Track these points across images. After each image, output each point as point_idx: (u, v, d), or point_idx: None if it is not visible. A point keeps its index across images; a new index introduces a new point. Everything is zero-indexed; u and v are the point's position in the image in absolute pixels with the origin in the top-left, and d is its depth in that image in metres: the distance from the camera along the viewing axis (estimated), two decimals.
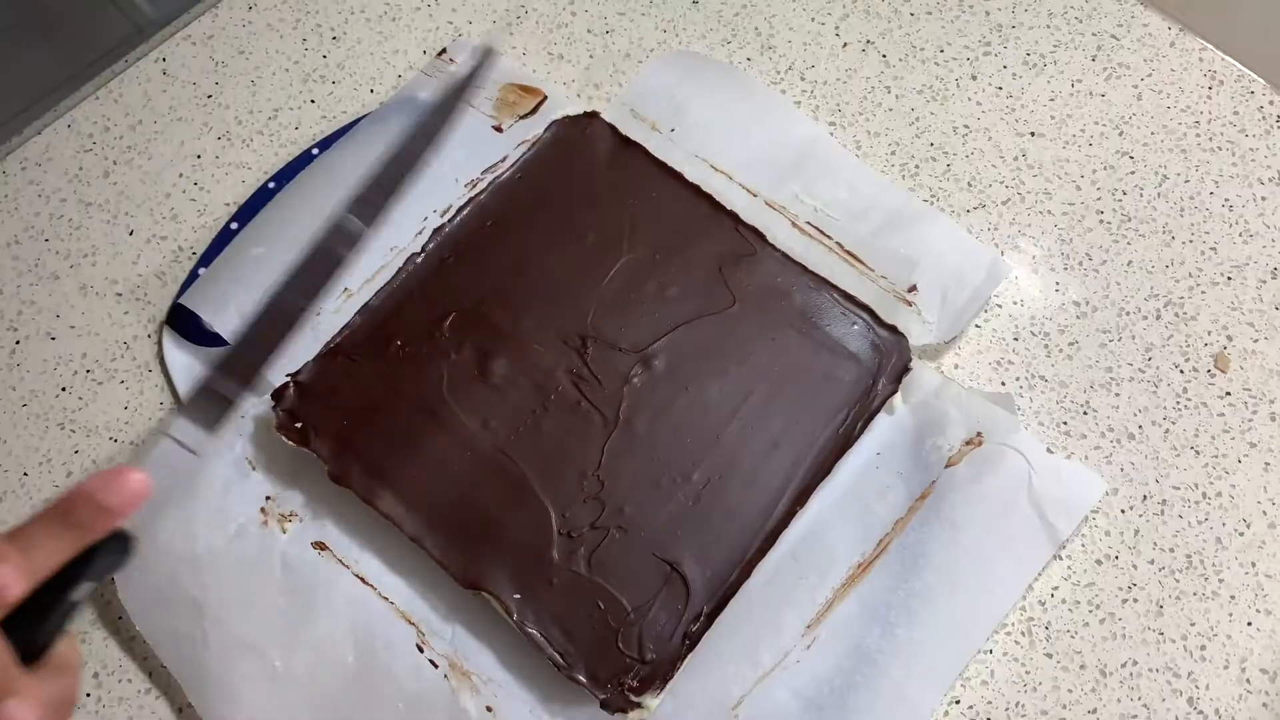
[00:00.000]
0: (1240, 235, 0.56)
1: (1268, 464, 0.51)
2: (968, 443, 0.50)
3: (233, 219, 0.57)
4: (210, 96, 0.61)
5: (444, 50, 0.61)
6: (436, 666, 0.46)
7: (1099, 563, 0.49)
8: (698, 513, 0.48)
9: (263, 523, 0.49)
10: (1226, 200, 0.57)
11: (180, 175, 0.59)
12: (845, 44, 0.62)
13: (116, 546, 0.33)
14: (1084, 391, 0.53)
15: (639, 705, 0.44)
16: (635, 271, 0.53)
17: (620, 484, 0.48)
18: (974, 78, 0.61)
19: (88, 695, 0.47)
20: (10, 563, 0.29)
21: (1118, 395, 0.53)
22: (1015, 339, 0.54)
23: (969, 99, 0.61)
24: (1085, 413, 0.52)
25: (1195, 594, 0.49)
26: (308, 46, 0.63)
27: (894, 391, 0.51)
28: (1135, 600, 0.48)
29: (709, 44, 0.63)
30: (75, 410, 0.53)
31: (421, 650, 0.46)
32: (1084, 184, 0.58)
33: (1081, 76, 0.61)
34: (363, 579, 0.48)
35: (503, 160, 0.57)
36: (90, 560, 0.32)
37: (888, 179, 0.57)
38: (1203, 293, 0.55)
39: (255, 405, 0.51)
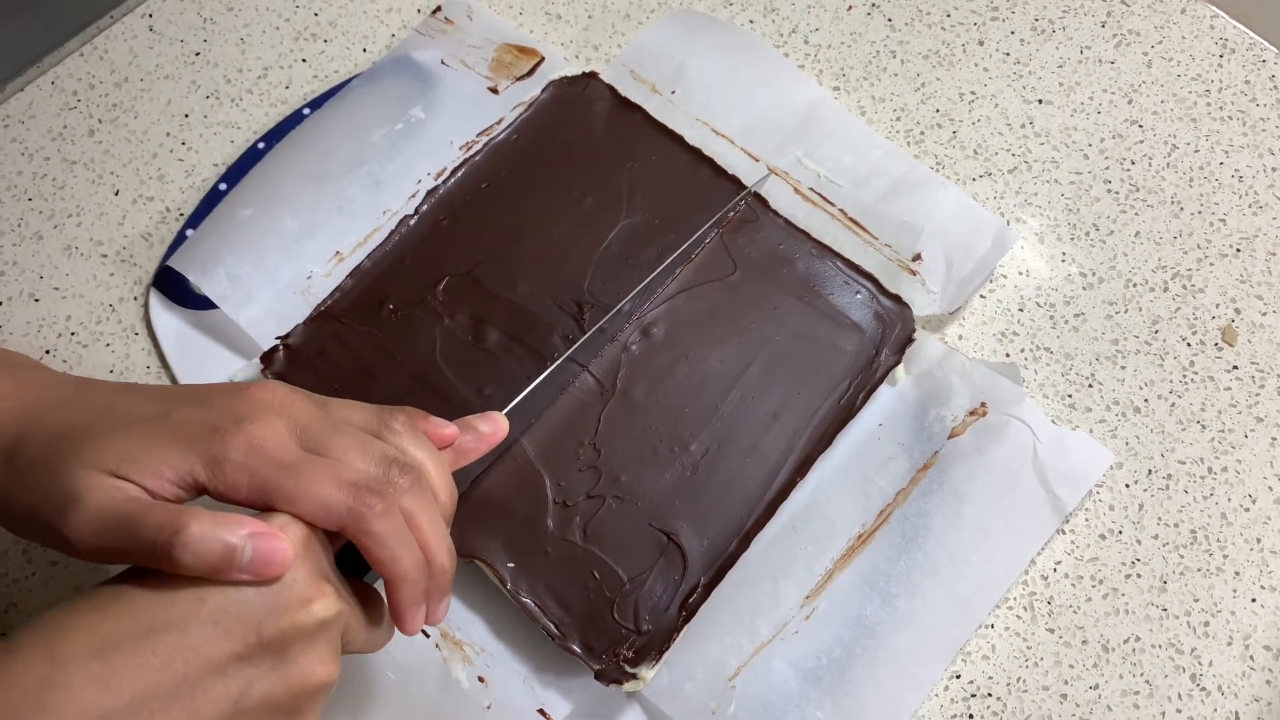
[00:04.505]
0: (1250, 206, 0.55)
1: (1274, 439, 0.50)
2: (972, 413, 0.49)
3: (221, 179, 0.55)
4: (198, 54, 0.60)
5: (438, 8, 0.59)
6: (428, 636, 0.45)
7: (1102, 537, 0.48)
8: (696, 483, 0.47)
9: None
10: (1236, 171, 0.56)
11: (167, 134, 0.57)
12: (850, 6, 0.61)
13: None
14: (1089, 364, 0.52)
15: (634, 676, 0.43)
16: (633, 236, 0.52)
17: (617, 453, 0.47)
18: (981, 43, 0.60)
19: None
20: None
21: (1123, 368, 0.52)
22: (1020, 309, 0.53)
23: (976, 65, 0.59)
24: (1090, 385, 0.51)
25: (1199, 570, 0.48)
26: (298, 4, 0.61)
27: (897, 362, 0.50)
28: (1139, 576, 0.48)
29: (711, 4, 0.61)
30: None
31: None
32: (1092, 153, 0.57)
33: (1090, 43, 0.60)
34: None
35: (499, 122, 0.56)
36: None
37: (892, 145, 0.56)
38: (1211, 265, 0.54)
39: (245, 368, 0.50)
